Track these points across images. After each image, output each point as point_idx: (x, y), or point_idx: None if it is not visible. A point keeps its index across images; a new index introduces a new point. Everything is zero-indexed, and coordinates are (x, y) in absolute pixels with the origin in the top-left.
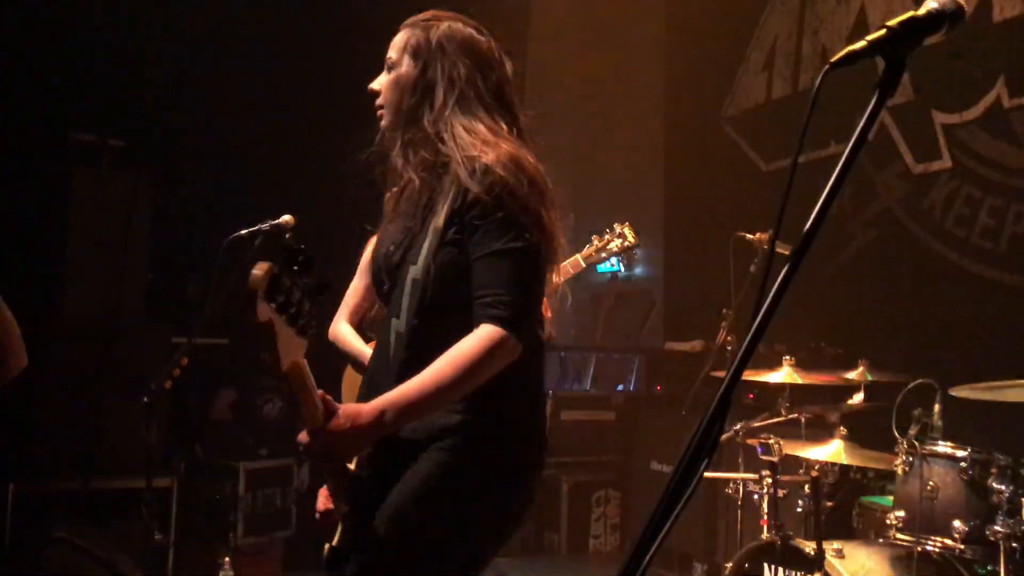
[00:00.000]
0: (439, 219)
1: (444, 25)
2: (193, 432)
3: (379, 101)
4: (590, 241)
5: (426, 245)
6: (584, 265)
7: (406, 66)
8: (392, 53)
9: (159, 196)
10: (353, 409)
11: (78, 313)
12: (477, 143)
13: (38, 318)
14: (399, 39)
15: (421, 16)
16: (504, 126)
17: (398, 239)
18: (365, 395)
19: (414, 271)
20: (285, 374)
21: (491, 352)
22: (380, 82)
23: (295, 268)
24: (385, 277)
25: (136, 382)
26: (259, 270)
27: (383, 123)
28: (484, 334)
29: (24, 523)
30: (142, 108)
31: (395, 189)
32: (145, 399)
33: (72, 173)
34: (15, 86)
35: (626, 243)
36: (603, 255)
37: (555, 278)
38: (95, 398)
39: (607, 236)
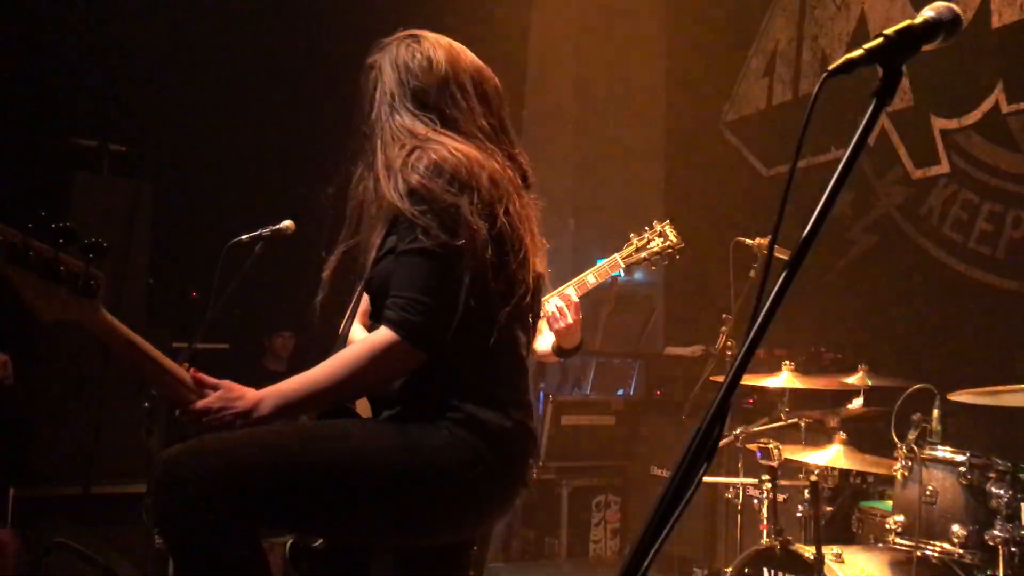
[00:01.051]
0: (376, 231)
1: (391, 45)
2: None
3: None
4: (628, 240)
5: (371, 257)
6: (623, 265)
7: (366, 92)
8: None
9: (160, 201)
10: (239, 391)
11: None
12: (395, 148)
13: (39, 323)
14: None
15: (384, 40)
16: (432, 125)
17: (365, 252)
18: None
19: (363, 280)
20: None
21: (377, 356)
22: None
23: (60, 241)
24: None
25: (137, 387)
26: None
27: None
28: (372, 338)
29: (25, 528)
30: (143, 114)
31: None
32: (146, 404)
33: (73, 178)
34: (17, 91)
35: (667, 243)
36: (643, 255)
37: (592, 279)
38: (96, 403)
39: (646, 235)
